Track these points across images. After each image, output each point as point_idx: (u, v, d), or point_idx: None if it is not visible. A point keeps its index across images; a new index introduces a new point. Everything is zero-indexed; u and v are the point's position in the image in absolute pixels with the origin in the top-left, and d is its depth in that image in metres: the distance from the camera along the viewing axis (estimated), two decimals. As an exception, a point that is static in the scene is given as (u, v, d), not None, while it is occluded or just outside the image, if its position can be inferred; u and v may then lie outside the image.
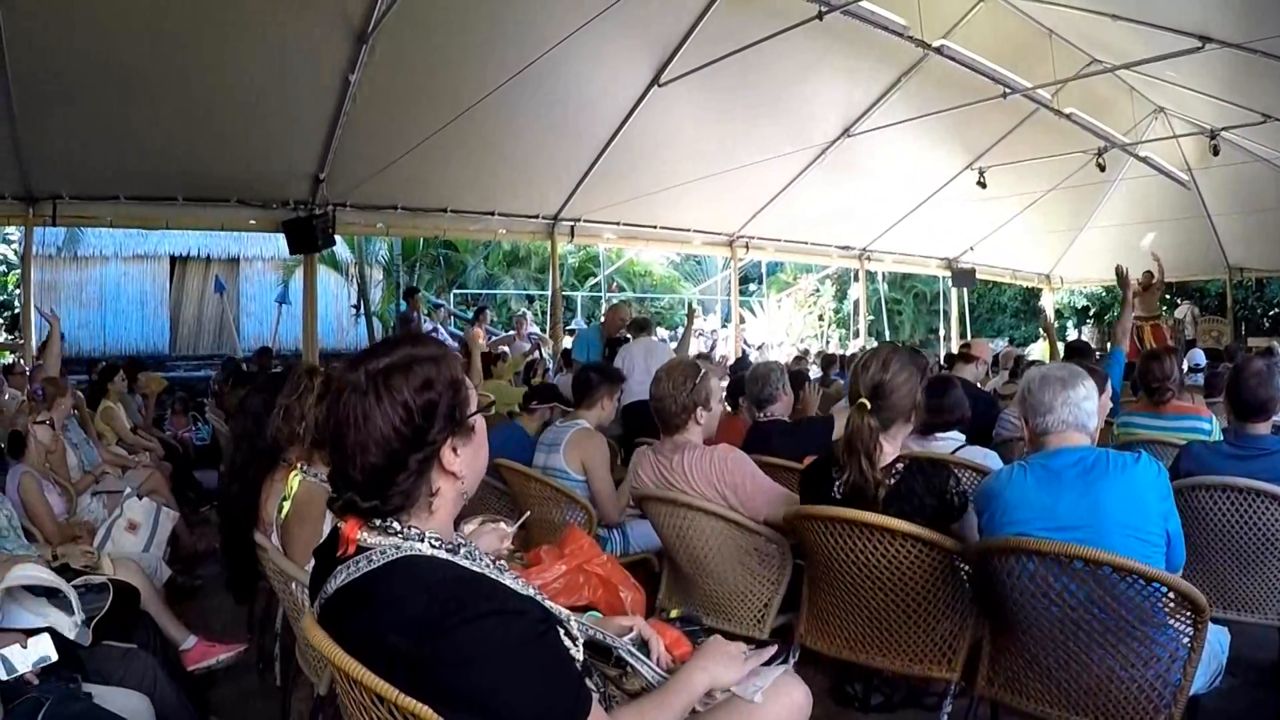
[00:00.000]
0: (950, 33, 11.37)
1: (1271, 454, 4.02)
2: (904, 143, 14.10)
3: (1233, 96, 12.61)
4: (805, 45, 10.49)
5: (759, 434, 5.43)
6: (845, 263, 20.64)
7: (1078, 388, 3.07)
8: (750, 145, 13.01)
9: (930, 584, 3.21)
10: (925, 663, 3.30)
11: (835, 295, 30.49)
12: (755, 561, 3.92)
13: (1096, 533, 2.78)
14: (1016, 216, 18.98)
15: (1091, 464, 2.95)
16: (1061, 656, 2.90)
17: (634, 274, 29.45)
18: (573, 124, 11.67)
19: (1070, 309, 28.87)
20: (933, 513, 3.24)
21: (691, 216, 15.50)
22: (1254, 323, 24.42)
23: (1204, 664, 3.08)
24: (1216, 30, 9.99)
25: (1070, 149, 14.92)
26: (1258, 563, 4.00)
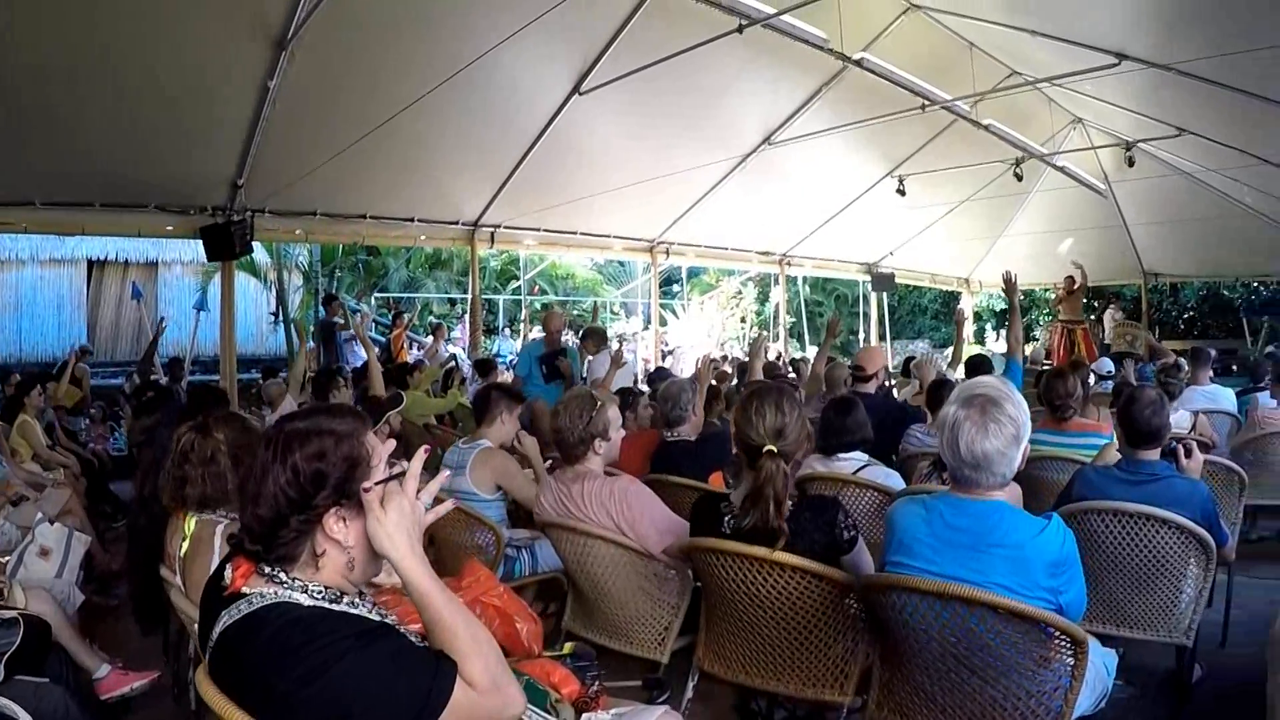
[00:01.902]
0: (872, 45, 11.46)
1: (1161, 479, 4.14)
2: (824, 151, 14.22)
3: (1149, 110, 12.92)
4: (726, 56, 10.55)
5: (666, 453, 5.54)
6: (765, 267, 20.82)
7: (1006, 447, 2.86)
8: (671, 153, 13.10)
9: (821, 613, 3.29)
10: (819, 687, 3.38)
11: (757, 297, 30.84)
12: (654, 586, 3.99)
13: (979, 588, 2.79)
14: (936, 223, 19.33)
15: (989, 528, 2.88)
16: (945, 685, 2.96)
17: (556, 277, 29.49)
18: (494, 131, 11.63)
19: (989, 312, 29.38)
20: (822, 548, 3.31)
21: (612, 222, 15.57)
22: (1169, 325, 25.05)
23: (1089, 686, 3.18)
24: (1133, 49, 10.21)
25: (989, 158, 15.16)
26: (1149, 583, 4.12)
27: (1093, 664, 3.20)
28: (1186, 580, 4.13)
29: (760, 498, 3.26)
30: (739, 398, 3.90)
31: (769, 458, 3.28)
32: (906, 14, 11.50)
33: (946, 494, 3.05)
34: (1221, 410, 8.24)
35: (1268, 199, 15.10)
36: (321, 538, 1.96)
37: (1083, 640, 2.80)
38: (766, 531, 3.25)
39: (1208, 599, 5.51)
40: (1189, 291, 25.80)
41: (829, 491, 4.86)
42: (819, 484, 4.97)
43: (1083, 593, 3.00)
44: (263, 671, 1.80)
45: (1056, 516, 2.97)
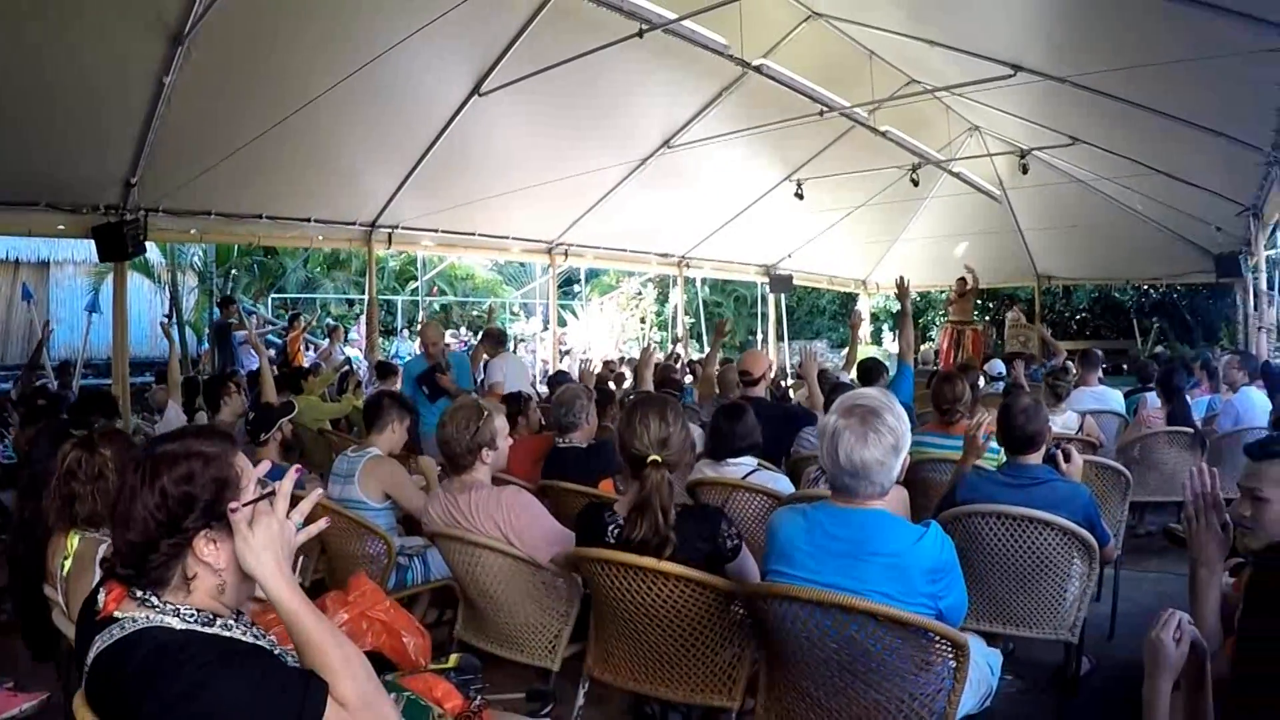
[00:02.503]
0: (772, 51, 11.57)
1: (1042, 483, 4.24)
2: (723, 155, 14.31)
3: (1043, 120, 13.23)
4: (627, 60, 10.57)
5: (558, 459, 5.53)
6: (664, 269, 20.89)
7: (885, 457, 2.88)
8: (571, 155, 13.07)
9: (707, 621, 3.31)
10: (707, 692, 3.40)
11: (657, 298, 30.94)
12: (544, 594, 3.98)
13: (859, 596, 2.80)
14: (834, 226, 19.58)
15: (868, 537, 2.91)
16: (829, 690, 2.98)
17: (456, 278, 29.27)
18: (393, 131, 11.50)
19: (886, 313, 29.92)
20: (706, 556, 3.33)
21: (511, 224, 15.49)
22: (1061, 327, 25.68)
23: (974, 686, 3.26)
24: (1028, 61, 10.47)
25: (886, 163, 15.39)
26: (1034, 583, 4.22)
27: (977, 664, 3.28)
28: (1071, 579, 4.23)
29: (647, 507, 3.28)
30: (624, 408, 3.88)
31: (654, 467, 3.31)
32: (807, 22, 11.60)
33: (826, 503, 3.08)
34: (1109, 411, 8.48)
35: (1157, 205, 15.57)
36: (193, 560, 1.94)
37: (963, 644, 2.84)
38: (653, 541, 3.27)
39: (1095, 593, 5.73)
40: (1081, 294, 26.47)
41: (718, 496, 4.93)
42: (709, 489, 5.01)
43: (963, 597, 3.05)
44: (134, 697, 1.78)
45: (935, 524, 3.01)
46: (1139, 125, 11.40)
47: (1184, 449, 7.47)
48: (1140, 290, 25.30)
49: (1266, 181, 11.62)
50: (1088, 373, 8.81)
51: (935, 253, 21.14)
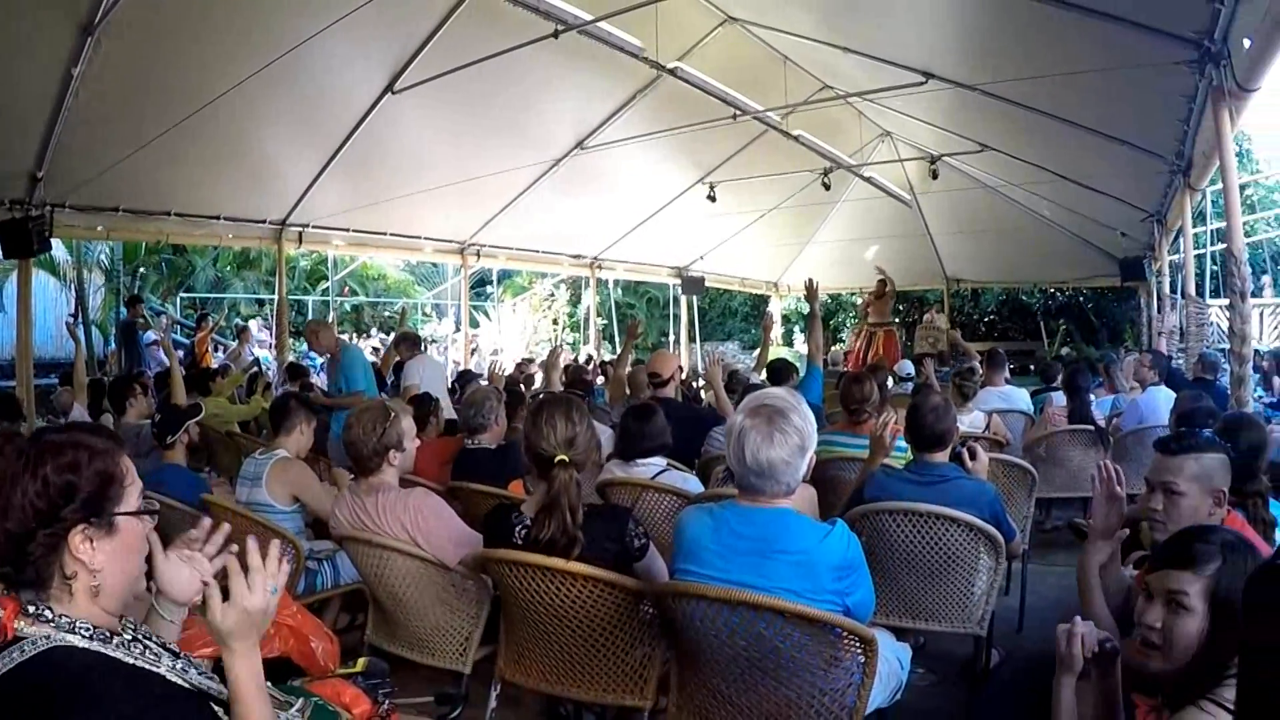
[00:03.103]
0: (687, 54, 11.61)
1: (948, 481, 4.30)
2: (637, 157, 14.37)
3: (954, 127, 13.48)
4: (542, 61, 10.54)
5: (466, 460, 5.50)
6: (576, 271, 20.92)
7: (791, 457, 2.92)
8: (484, 155, 13.02)
9: (617, 620, 3.32)
10: (618, 693, 3.41)
11: (570, 300, 30.95)
12: (453, 597, 3.95)
13: (766, 593, 2.81)
14: (746, 228, 19.71)
15: (775, 535, 2.93)
16: (740, 687, 3.00)
17: (368, 278, 29.02)
18: (305, 127, 11.35)
19: (797, 314, 30.16)
20: (614, 556, 3.34)
21: (424, 224, 15.38)
22: (970, 328, 26.14)
23: (883, 680, 3.31)
24: (939, 69, 10.64)
25: (799, 167, 15.59)
26: (941, 578, 4.28)
27: (886, 658, 3.34)
28: (978, 574, 4.30)
29: (555, 507, 3.28)
30: (530, 409, 3.84)
31: (561, 467, 3.31)
32: (723, 26, 11.68)
33: (733, 502, 3.09)
34: (1016, 410, 8.66)
35: (1064, 211, 15.96)
36: (69, 559, 1.86)
37: (871, 639, 2.87)
38: (561, 541, 3.27)
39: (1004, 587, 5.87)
40: (989, 297, 26.99)
41: (628, 496, 4.94)
42: (618, 489, 5.01)
43: (870, 594, 3.08)
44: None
45: (841, 522, 3.03)
46: (1047, 133, 11.66)
47: (1087, 446, 7.68)
48: (1047, 293, 25.87)
49: (1170, 189, 11.93)
50: (994, 373, 8.97)
51: (846, 256, 21.49)
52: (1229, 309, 6.93)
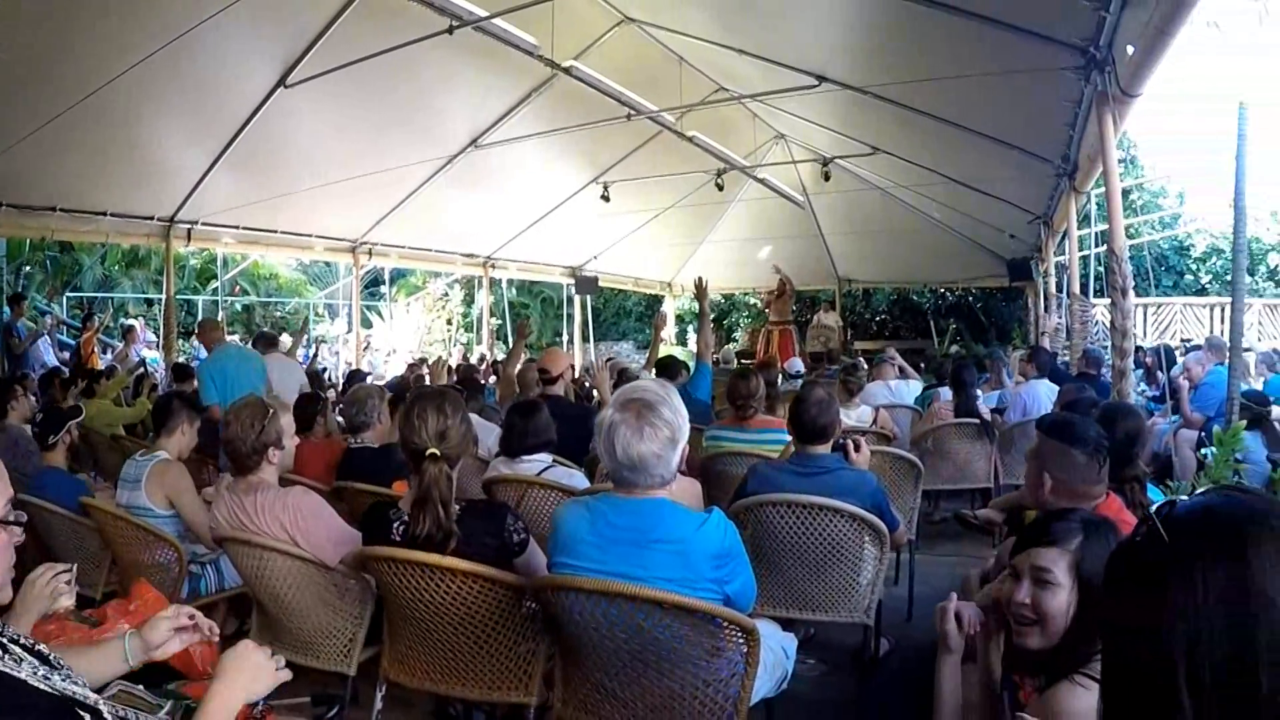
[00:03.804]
0: (584, 54, 11.60)
1: (830, 471, 4.35)
2: (531, 155, 14.35)
3: (847, 129, 13.68)
4: (437, 57, 10.43)
5: (350, 459, 5.43)
6: (470, 270, 20.82)
7: (662, 450, 2.90)
8: (378, 152, 12.86)
9: (499, 616, 3.29)
10: (503, 690, 3.38)
11: (464, 300, 30.76)
12: (335, 597, 3.89)
13: (644, 583, 2.81)
14: (640, 228, 19.81)
15: (651, 525, 2.92)
16: (623, 680, 3.00)
17: (259, 277, 28.35)
18: (195, 120, 10.98)
19: (690, 314, 30.32)
20: (494, 551, 3.31)
21: (315, 221, 15.11)
22: (862, 327, 26.56)
23: (768, 670, 3.34)
24: (833, 72, 10.77)
25: (693, 168, 15.62)
26: (827, 568, 4.32)
27: (771, 648, 3.38)
28: (864, 564, 4.35)
29: (427, 501, 3.24)
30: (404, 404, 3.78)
31: (432, 461, 3.26)
32: (619, 26, 11.64)
33: (608, 494, 3.09)
34: (903, 405, 8.84)
35: (954, 213, 16.28)
36: None
37: (752, 629, 2.89)
38: (437, 536, 3.24)
39: (894, 578, 5.97)
40: (880, 296, 27.46)
41: (514, 494, 4.91)
42: (503, 486, 4.98)
43: (750, 582, 3.08)
44: None
45: (718, 510, 3.03)
46: (939, 137, 11.89)
47: (973, 439, 7.88)
48: (937, 293, 26.35)
49: (1056, 192, 12.22)
50: (883, 369, 9.13)
51: (740, 256, 21.70)
52: (1111, 306, 7.12)
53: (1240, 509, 1.25)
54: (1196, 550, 1.21)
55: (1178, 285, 25.32)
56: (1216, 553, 1.19)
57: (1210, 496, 1.31)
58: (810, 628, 5.23)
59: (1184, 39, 5.68)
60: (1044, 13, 7.20)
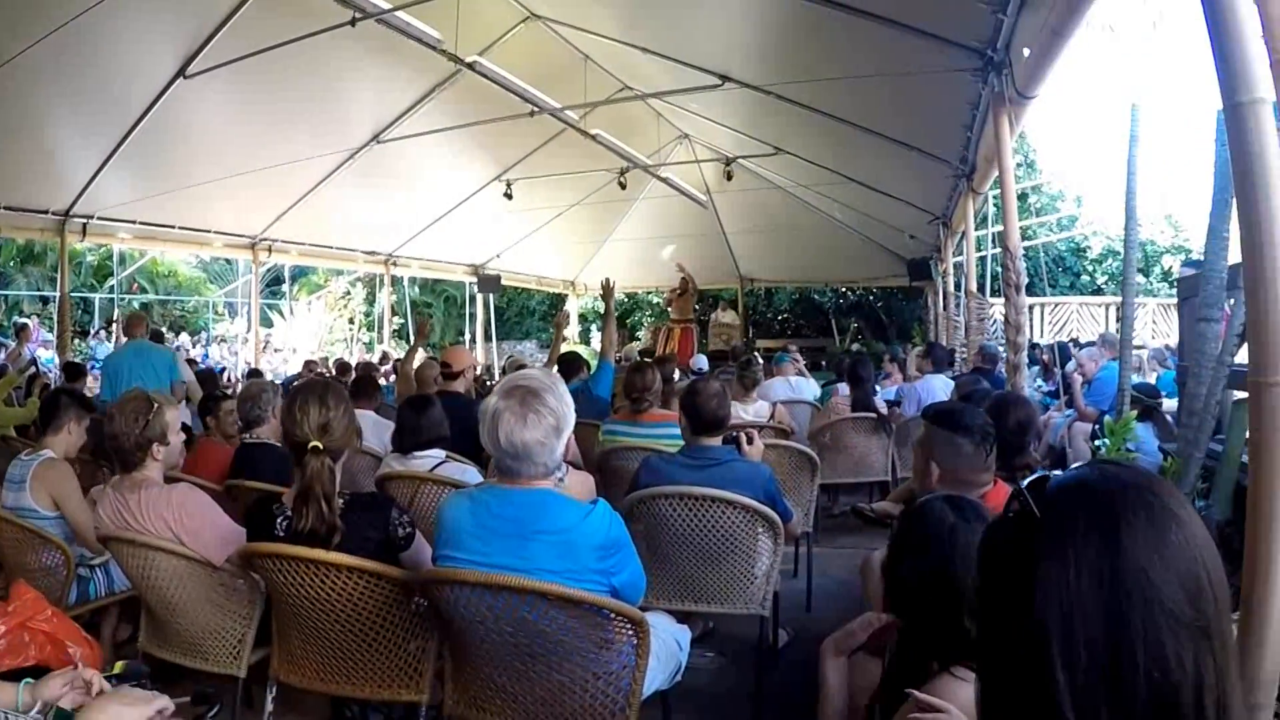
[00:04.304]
0: (488, 50, 11.55)
1: (724, 463, 4.36)
2: (434, 152, 14.23)
3: (749, 130, 13.85)
4: (339, 49, 10.33)
5: (245, 456, 5.26)
6: (371, 267, 20.66)
7: (546, 437, 2.88)
8: (279, 146, 12.65)
9: (386, 613, 3.24)
10: (393, 687, 3.33)
11: (366, 298, 30.48)
12: (223, 597, 3.78)
13: (528, 575, 2.79)
14: (543, 227, 19.86)
15: (534, 516, 2.90)
16: (512, 674, 2.98)
17: (158, 274, 27.76)
18: (90, 111, 10.64)
19: (594, 313, 30.45)
20: (379, 546, 3.26)
21: (214, 217, 14.77)
22: (764, 326, 26.84)
23: (663, 663, 3.34)
24: (737, 72, 10.88)
25: (596, 166, 15.71)
26: (721, 560, 4.31)
27: (664, 640, 3.38)
28: (759, 555, 4.35)
29: (309, 495, 3.17)
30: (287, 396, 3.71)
31: (314, 454, 3.20)
32: (525, 23, 11.66)
33: (492, 485, 3.08)
34: (802, 400, 8.94)
35: (855, 213, 16.53)
36: None
37: (640, 620, 2.89)
38: (321, 530, 3.18)
39: (793, 571, 6.02)
40: (782, 296, 27.81)
41: (407, 490, 4.84)
42: (396, 482, 4.91)
43: (638, 574, 3.09)
44: None
45: (603, 502, 3.02)
46: (840, 138, 12.06)
47: (870, 433, 7.98)
48: (839, 292, 26.76)
49: (955, 193, 12.45)
50: (783, 365, 9.22)
51: (643, 254, 21.84)
52: (1005, 301, 7.28)
53: (1113, 482, 1.25)
54: (1069, 524, 1.21)
55: (1074, 286, 25.98)
56: (1089, 526, 1.19)
57: (1084, 470, 1.31)
58: (709, 621, 5.26)
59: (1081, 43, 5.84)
60: (944, 15, 7.32)
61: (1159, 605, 1.14)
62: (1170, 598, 1.14)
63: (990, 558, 1.34)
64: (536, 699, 2.99)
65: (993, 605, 1.30)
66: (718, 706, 4.51)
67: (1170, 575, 1.15)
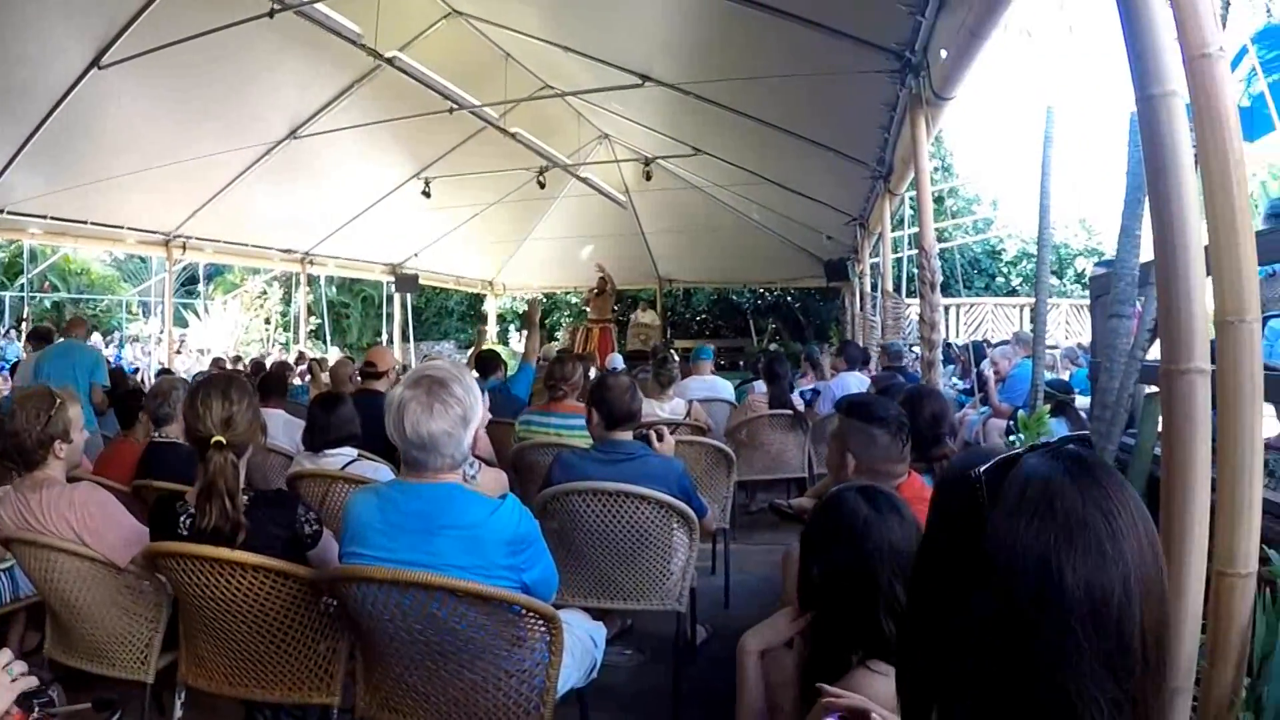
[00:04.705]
0: (409, 45, 11.43)
1: (636, 458, 4.35)
2: (352, 148, 14.10)
3: (669, 130, 13.88)
4: (258, 42, 10.12)
5: (153, 455, 5.07)
6: (288, 266, 20.33)
7: (454, 428, 2.83)
8: (195, 140, 12.33)
9: (294, 613, 3.17)
10: (304, 690, 3.26)
11: (283, 298, 30.06)
12: (129, 600, 3.66)
13: (435, 571, 2.74)
14: (462, 225, 19.74)
15: (441, 510, 2.85)
16: (423, 674, 2.93)
17: (70, 272, 27.17)
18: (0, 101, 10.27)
19: (512, 314, 30.46)
20: (285, 544, 3.19)
21: (128, 212, 14.33)
22: (683, 326, 27.00)
23: (578, 660, 3.32)
24: (657, 71, 10.90)
25: (516, 165, 15.65)
26: (637, 557, 4.30)
27: (579, 637, 3.37)
28: (674, 551, 4.34)
29: (213, 492, 3.08)
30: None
31: (217, 449, 3.10)
32: (446, 19, 11.59)
33: (398, 480, 3.03)
34: (719, 399, 8.98)
35: (772, 215, 16.67)
36: None
37: (552, 615, 2.87)
38: (225, 528, 3.09)
39: (711, 568, 6.02)
40: (700, 296, 28.03)
41: (318, 489, 4.76)
42: (308, 481, 4.81)
43: (550, 570, 3.06)
44: None
45: (512, 496, 2.98)
46: (760, 139, 12.11)
47: (787, 430, 8.05)
48: (757, 293, 27.00)
49: (872, 194, 12.58)
50: (699, 364, 9.26)
51: (562, 254, 21.84)
52: (920, 300, 7.38)
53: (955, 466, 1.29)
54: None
55: (989, 287, 26.56)
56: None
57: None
58: (628, 619, 5.25)
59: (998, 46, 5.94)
60: (863, 17, 7.39)
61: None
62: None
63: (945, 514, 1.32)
64: (449, 699, 2.95)
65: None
66: (636, 704, 4.50)
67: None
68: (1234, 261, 2.05)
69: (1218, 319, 2.07)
